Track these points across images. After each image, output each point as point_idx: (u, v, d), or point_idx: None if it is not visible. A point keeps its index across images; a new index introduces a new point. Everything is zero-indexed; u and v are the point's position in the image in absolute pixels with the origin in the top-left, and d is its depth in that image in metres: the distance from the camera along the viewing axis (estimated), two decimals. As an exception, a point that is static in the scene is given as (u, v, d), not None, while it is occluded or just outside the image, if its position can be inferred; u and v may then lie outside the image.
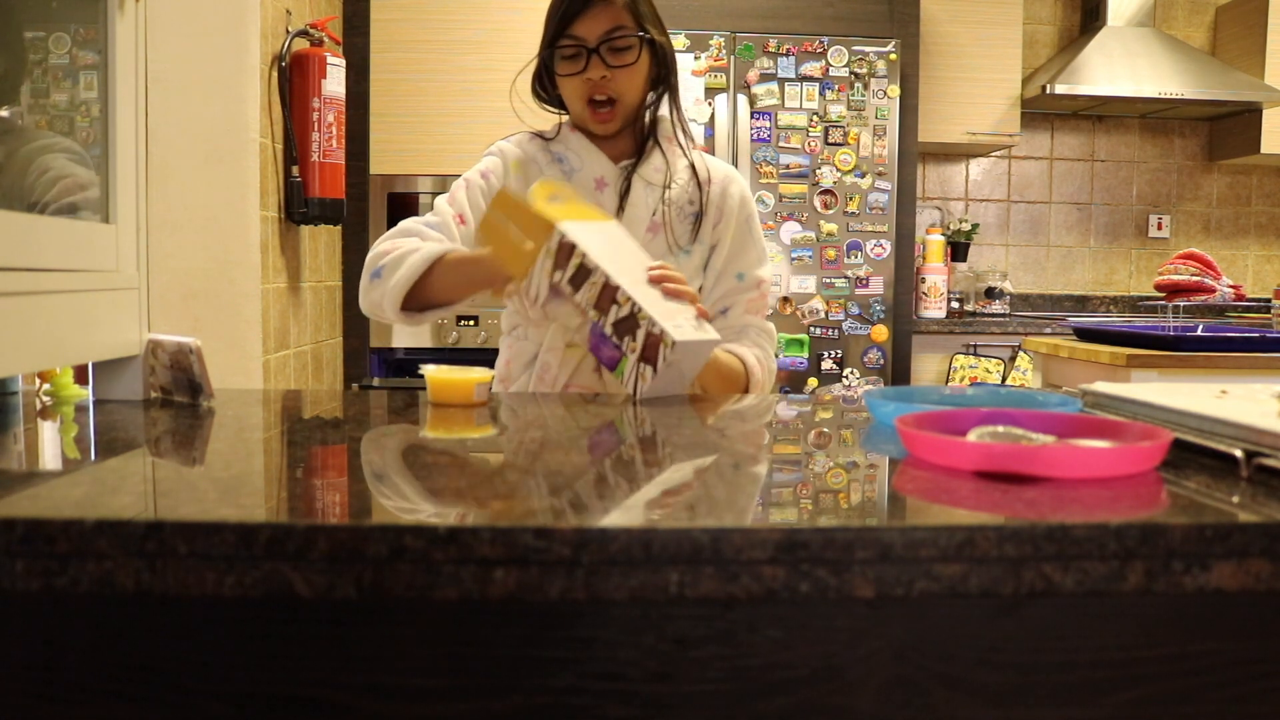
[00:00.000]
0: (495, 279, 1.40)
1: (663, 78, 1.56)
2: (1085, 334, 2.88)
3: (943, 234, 4.27)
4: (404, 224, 1.51)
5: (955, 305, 4.29)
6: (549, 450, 0.99)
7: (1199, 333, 2.55)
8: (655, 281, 1.36)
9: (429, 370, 1.25)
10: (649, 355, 1.26)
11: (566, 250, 1.31)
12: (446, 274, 1.42)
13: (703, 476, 0.86)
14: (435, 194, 3.47)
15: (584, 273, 1.31)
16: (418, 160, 3.42)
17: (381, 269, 1.45)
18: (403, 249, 1.45)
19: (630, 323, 1.28)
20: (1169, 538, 0.66)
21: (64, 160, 1.25)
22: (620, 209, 1.54)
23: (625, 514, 0.70)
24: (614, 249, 1.37)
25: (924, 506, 0.76)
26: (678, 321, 1.29)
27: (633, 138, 1.59)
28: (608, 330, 1.29)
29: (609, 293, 1.29)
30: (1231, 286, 2.64)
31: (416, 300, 1.45)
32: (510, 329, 1.62)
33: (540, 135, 1.61)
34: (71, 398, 1.24)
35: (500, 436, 1.10)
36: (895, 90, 3.61)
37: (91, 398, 1.24)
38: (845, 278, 3.63)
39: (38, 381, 1.27)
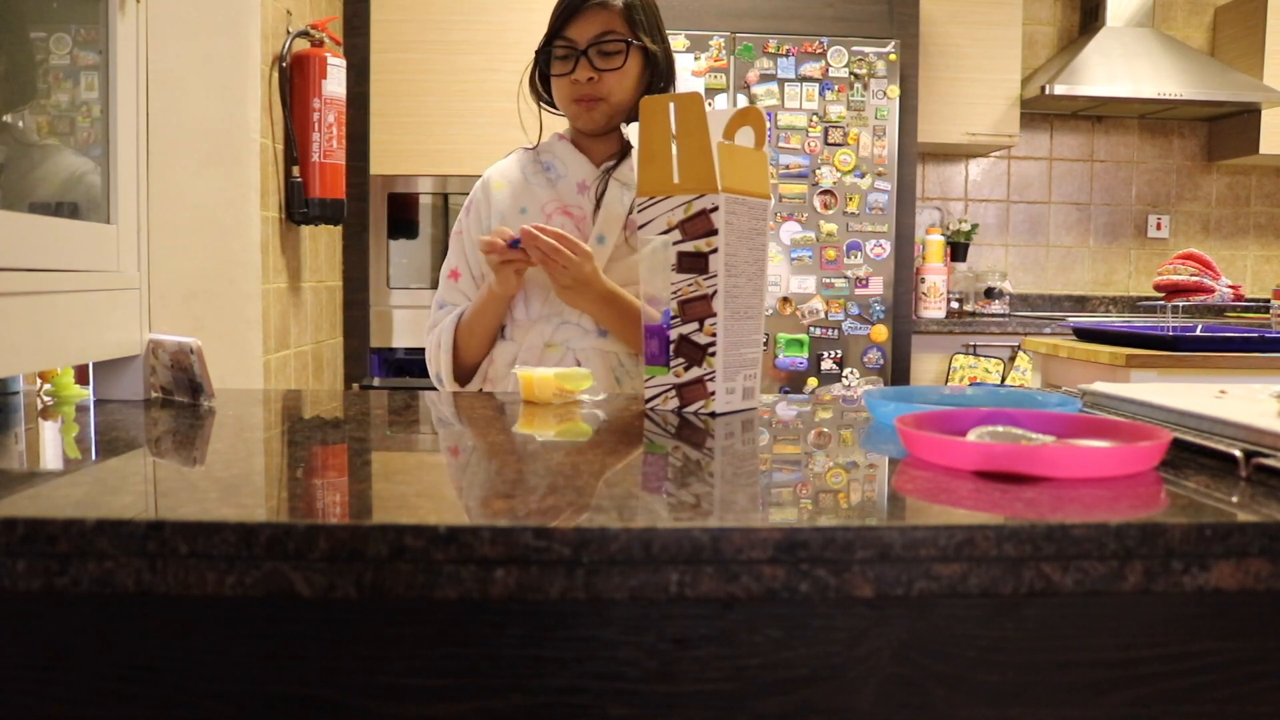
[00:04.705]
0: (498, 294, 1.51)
1: (658, 86, 1.60)
2: (1084, 334, 2.88)
3: (942, 234, 4.27)
4: (431, 317, 1.67)
5: (955, 305, 4.29)
6: (548, 450, 0.99)
7: (1198, 333, 2.55)
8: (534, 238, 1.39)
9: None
10: (685, 396, 1.18)
11: (704, 224, 1.14)
12: (469, 331, 1.59)
13: (703, 476, 0.86)
14: (435, 194, 3.48)
15: (699, 262, 1.14)
16: (418, 160, 3.42)
17: (438, 375, 1.63)
18: (434, 345, 1.62)
19: (695, 351, 1.16)
20: (1168, 537, 0.67)
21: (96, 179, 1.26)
22: (596, 208, 1.58)
23: (625, 514, 0.70)
24: (737, 260, 1.18)
25: (924, 506, 0.77)
26: (734, 384, 1.19)
27: (618, 141, 1.63)
28: (673, 334, 1.17)
29: (703, 306, 1.15)
30: (1230, 287, 2.64)
31: (467, 366, 1.62)
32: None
33: (528, 148, 1.68)
34: (72, 398, 1.24)
35: (500, 436, 1.10)
36: (895, 91, 3.61)
37: (92, 398, 1.24)
38: (845, 278, 3.63)
39: (38, 381, 1.27)
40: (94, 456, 0.96)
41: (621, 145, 1.62)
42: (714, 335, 1.16)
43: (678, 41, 3.46)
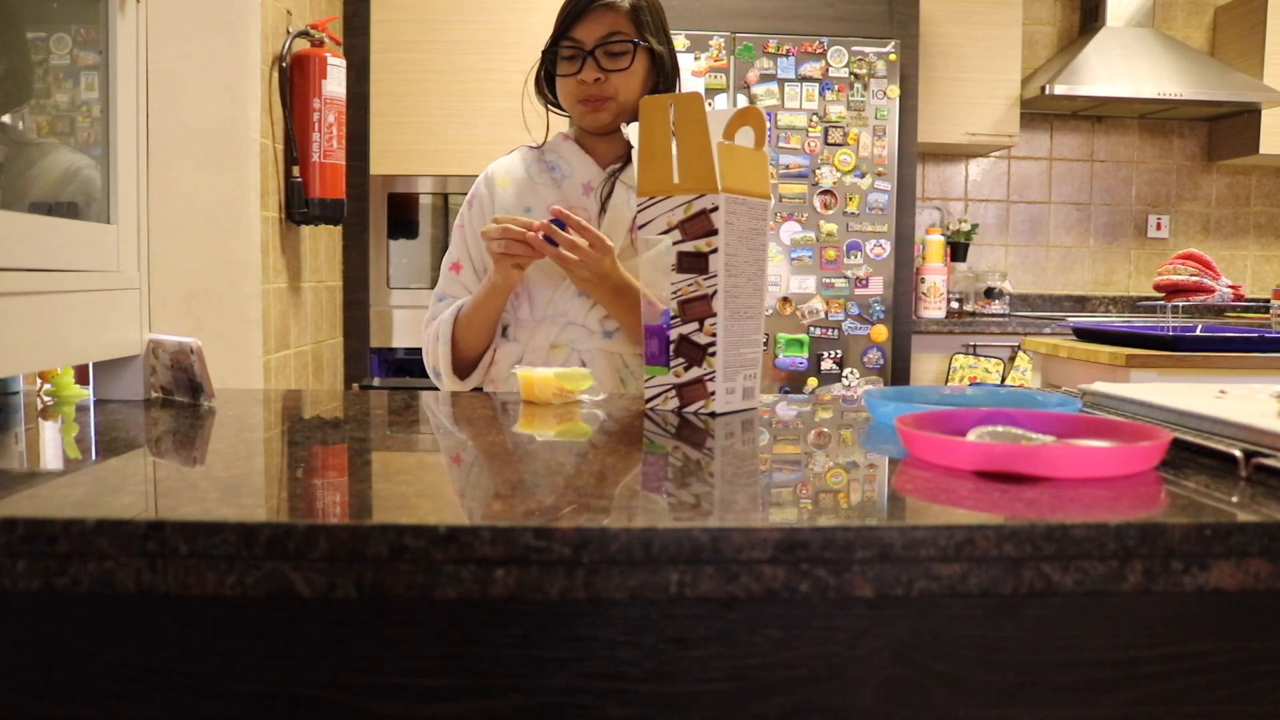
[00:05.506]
0: (500, 286, 1.51)
1: (663, 87, 1.60)
2: (1084, 334, 2.88)
3: (942, 234, 4.27)
4: (431, 309, 1.66)
5: (955, 305, 4.29)
6: (548, 450, 0.99)
7: (1198, 333, 2.55)
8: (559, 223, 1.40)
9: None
10: (685, 395, 1.18)
11: (704, 224, 1.14)
12: (468, 324, 1.58)
13: (703, 476, 0.86)
14: (435, 194, 3.48)
15: (699, 262, 1.14)
16: (418, 160, 3.42)
17: (435, 369, 1.63)
18: (431, 337, 1.62)
19: (695, 351, 1.16)
20: (1168, 537, 0.67)
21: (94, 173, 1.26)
22: (602, 210, 1.57)
23: (625, 514, 0.70)
24: (737, 260, 1.18)
25: (924, 506, 0.77)
26: (734, 384, 1.19)
27: (623, 143, 1.63)
28: (672, 335, 1.17)
29: (703, 306, 1.15)
30: (1230, 287, 2.64)
31: (467, 360, 1.61)
32: (500, 330, 1.64)
33: (533, 146, 1.68)
34: (72, 398, 1.24)
35: (500, 436, 1.10)
36: (895, 91, 3.61)
37: (92, 398, 1.24)
38: (845, 278, 3.63)
39: (38, 381, 1.27)
40: (94, 456, 0.96)
41: (626, 147, 1.62)
42: (714, 335, 1.16)
43: (678, 41, 3.46)
